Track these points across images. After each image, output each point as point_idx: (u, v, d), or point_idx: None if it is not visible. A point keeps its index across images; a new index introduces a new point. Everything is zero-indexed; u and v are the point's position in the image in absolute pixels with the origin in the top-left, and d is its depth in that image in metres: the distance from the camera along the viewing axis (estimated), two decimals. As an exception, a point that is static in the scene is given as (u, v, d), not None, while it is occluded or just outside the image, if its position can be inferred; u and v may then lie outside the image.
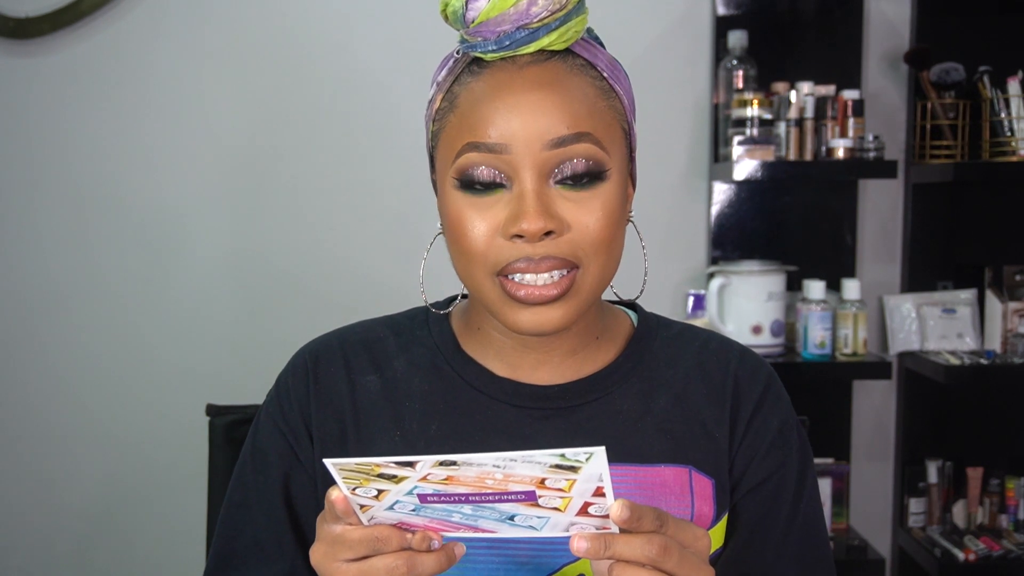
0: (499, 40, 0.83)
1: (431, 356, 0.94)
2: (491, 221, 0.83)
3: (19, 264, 2.28)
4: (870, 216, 2.30)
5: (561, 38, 0.83)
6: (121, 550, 2.31)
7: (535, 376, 0.92)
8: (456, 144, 0.84)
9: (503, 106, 0.82)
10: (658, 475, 0.90)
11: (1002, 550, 2.13)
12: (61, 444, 2.30)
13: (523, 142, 0.81)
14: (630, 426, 0.91)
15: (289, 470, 0.92)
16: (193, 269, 2.28)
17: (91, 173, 2.27)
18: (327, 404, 0.92)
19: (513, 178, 0.82)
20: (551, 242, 0.82)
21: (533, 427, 0.90)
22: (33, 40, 2.23)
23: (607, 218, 0.83)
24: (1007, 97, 2.11)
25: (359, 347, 0.95)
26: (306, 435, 0.92)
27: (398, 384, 0.93)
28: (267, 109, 2.26)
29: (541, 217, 0.80)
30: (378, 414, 0.92)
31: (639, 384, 0.93)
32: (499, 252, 0.83)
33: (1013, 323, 2.19)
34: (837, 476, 2.20)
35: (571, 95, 0.83)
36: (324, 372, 0.93)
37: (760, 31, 2.19)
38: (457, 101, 0.85)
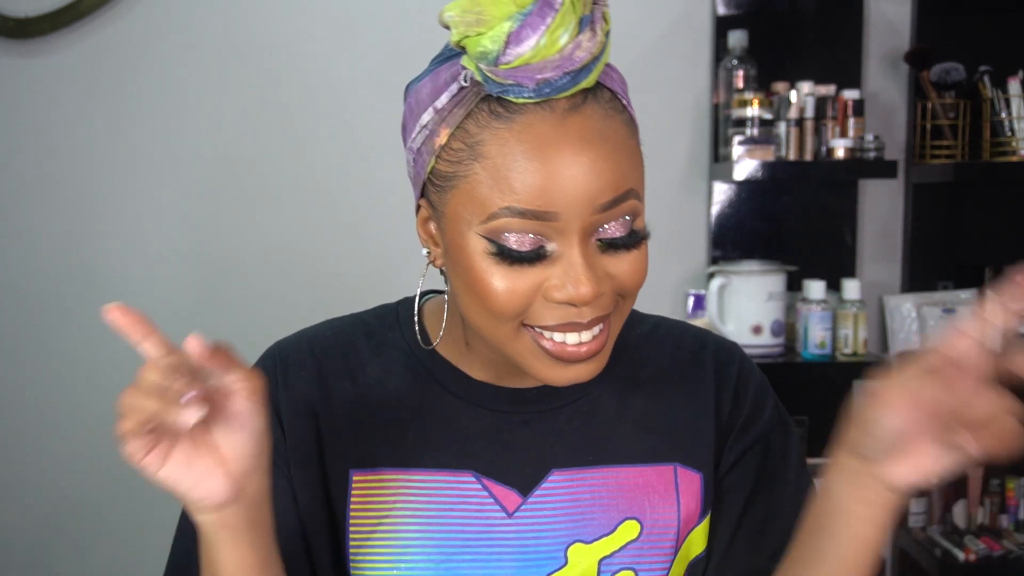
0: (539, 88, 0.73)
1: (406, 359, 0.90)
2: (531, 283, 0.76)
3: (19, 263, 2.29)
4: (870, 216, 2.30)
5: (595, 78, 0.76)
6: (121, 550, 2.31)
7: (514, 379, 0.89)
8: (489, 204, 0.75)
9: (549, 169, 0.74)
10: (641, 475, 0.89)
11: (1002, 550, 2.13)
12: (61, 442, 2.30)
13: (574, 208, 0.74)
14: (610, 426, 0.90)
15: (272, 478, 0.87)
16: (193, 268, 2.28)
17: (91, 173, 2.27)
18: (298, 410, 0.88)
19: (557, 242, 0.76)
20: (597, 301, 0.77)
21: (513, 433, 0.88)
22: (33, 40, 2.23)
23: (643, 267, 0.80)
24: (1007, 97, 2.11)
25: (331, 352, 0.90)
26: (278, 423, 0.87)
27: (372, 389, 0.89)
28: (267, 108, 2.26)
29: (595, 284, 0.75)
30: (352, 422, 0.88)
31: (617, 383, 0.92)
32: (540, 314, 0.77)
33: (1013, 323, 2.19)
34: (837, 476, 2.19)
35: (615, 148, 0.76)
36: (294, 376, 0.89)
37: (760, 31, 2.19)
38: (483, 149, 0.75)
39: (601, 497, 0.88)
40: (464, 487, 0.86)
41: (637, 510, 0.88)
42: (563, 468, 0.88)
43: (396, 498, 0.86)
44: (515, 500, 0.87)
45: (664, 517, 0.89)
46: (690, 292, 2.21)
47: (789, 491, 0.91)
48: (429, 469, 0.86)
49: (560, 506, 0.87)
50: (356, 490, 0.86)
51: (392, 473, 0.86)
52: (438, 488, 0.86)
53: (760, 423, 0.93)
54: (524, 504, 0.87)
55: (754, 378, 0.95)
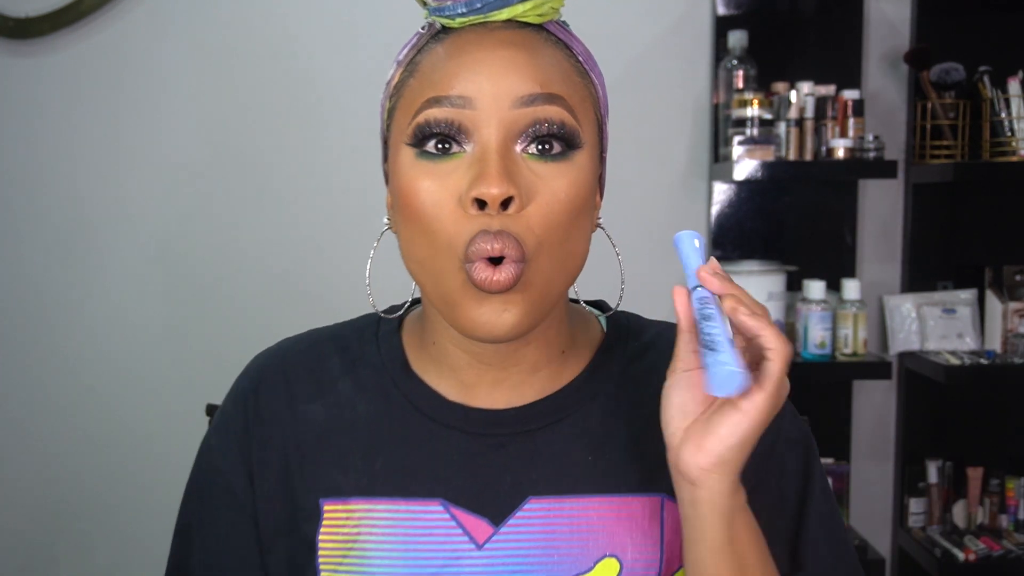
0: (469, 2, 0.77)
1: (377, 377, 0.86)
2: (450, 190, 0.74)
3: (17, 264, 2.28)
4: (870, 216, 2.30)
5: (536, 10, 0.78)
6: (121, 550, 2.30)
7: (492, 398, 0.84)
8: (415, 105, 0.77)
9: (469, 60, 0.75)
10: (625, 506, 0.82)
11: (1002, 550, 2.13)
12: (60, 444, 2.30)
13: (490, 96, 0.74)
14: (595, 452, 0.83)
15: (229, 511, 0.86)
16: (193, 268, 2.28)
17: (91, 173, 2.27)
18: (268, 439, 0.86)
19: (475, 139, 0.75)
20: (508, 217, 0.73)
21: (487, 457, 0.82)
22: (33, 40, 2.23)
23: (571, 200, 0.75)
24: (1007, 97, 2.11)
25: (301, 372, 0.87)
26: (246, 475, 0.85)
27: (342, 411, 0.85)
28: (267, 108, 2.26)
29: (504, 180, 0.72)
30: (322, 448, 0.85)
31: (606, 403, 0.85)
32: (461, 230, 0.74)
33: (1013, 323, 2.19)
34: (837, 476, 2.20)
35: (544, 58, 0.77)
36: (265, 404, 0.86)
37: (760, 31, 2.19)
38: (419, 67, 0.79)
39: (580, 530, 0.81)
40: (431, 517, 0.82)
41: (618, 546, 0.81)
42: (540, 496, 0.82)
43: (363, 528, 0.82)
44: (486, 530, 0.81)
45: (645, 556, 0.82)
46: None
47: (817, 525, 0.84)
48: (396, 498, 0.82)
49: (535, 539, 0.81)
50: (327, 519, 0.83)
51: (360, 503, 0.83)
52: (404, 518, 0.82)
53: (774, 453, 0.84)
54: (496, 535, 0.81)
55: None
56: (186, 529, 0.89)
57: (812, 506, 0.85)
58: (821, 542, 0.84)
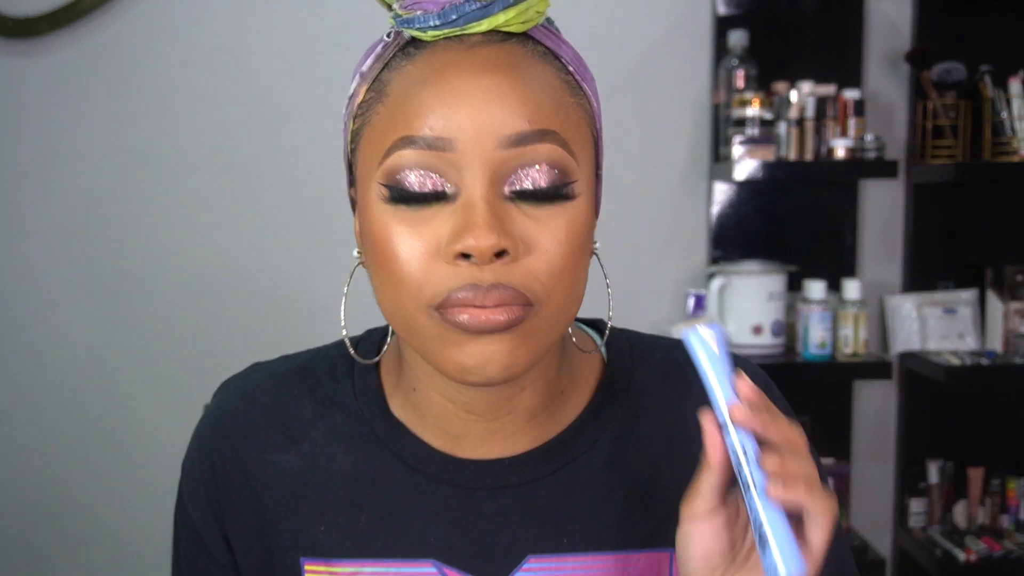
0: (444, 14, 0.66)
1: (355, 424, 0.77)
2: (428, 240, 0.65)
3: (18, 263, 2.28)
4: (870, 216, 2.30)
5: (519, 18, 0.67)
6: (120, 550, 2.30)
7: (483, 448, 0.75)
8: (384, 141, 0.66)
9: (447, 91, 0.64)
10: (632, 563, 0.75)
11: (1003, 550, 2.12)
12: (61, 444, 2.30)
13: (472, 137, 0.64)
14: (598, 503, 0.75)
15: (207, 563, 0.80)
16: (193, 269, 2.28)
17: (91, 173, 2.27)
18: (237, 492, 0.78)
19: (458, 184, 0.65)
20: (503, 267, 0.64)
21: (481, 511, 0.74)
22: (33, 40, 2.23)
23: (571, 242, 0.66)
24: (1008, 97, 2.11)
25: (268, 419, 0.78)
26: (220, 534, 0.79)
27: (317, 461, 0.77)
28: (267, 109, 2.26)
29: (493, 231, 0.63)
30: (299, 503, 0.76)
31: (610, 448, 0.76)
32: (439, 281, 0.64)
33: (1014, 323, 2.19)
34: (838, 476, 2.20)
35: (533, 83, 0.66)
36: (231, 453, 0.78)
37: (760, 31, 2.19)
38: (387, 89, 0.67)
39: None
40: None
41: None
42: (541, 554, 0.74)
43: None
44: None
45: None
46: (690, 292, 2.21)
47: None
48: (384, 559, 0.75)
49: None
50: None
51: (346, 564, 0.75)
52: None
53: None
54: None
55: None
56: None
57: None
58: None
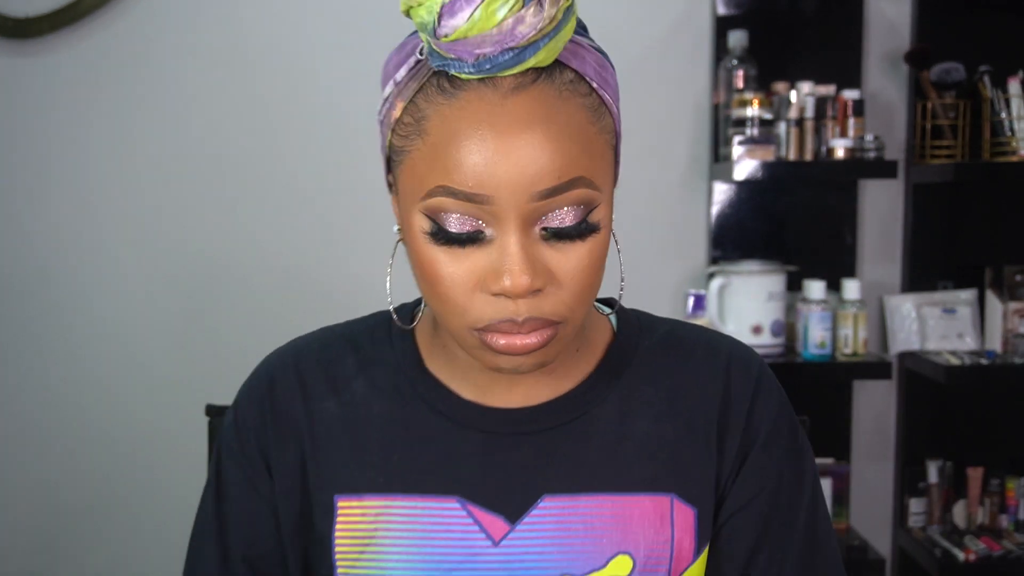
0: (479, 64, 0.70)
1: (392, 377, 0.86)
2: (469, 273, 0.74)
3: (19, 264, 2.28)
4: (870, 216, 2.30)
5: (549, 55, 0.71)
6: (120, 550, 2.30)
7: (507, 398, 0.85)
8: (426, 181, 0.73)
9: (484, 150, 0.70)
10: (637, 505, 0.83)
11: (1002, 550, 2.13)
12: (61, 444, 2.30)
13: (508, 193, 0.71)
14: (608, 451, 0.84)
15: (251, 506, 0.87)
16: (193, 268, 2.28)
17: (91, 173, 2.27)
18: (284, 434, 0.86)
19: (494, 228, 0.73)
20: (535, 300, 0.74)
21: (503, 455, 0.83)
22: (33, 40, 2.23)
23: (593, 267, 0.75)
24: (1007, 97, 2.11)
25: (316, 368, 0.88)
26: (264, 469, 0.87)
27: (357, 409, 0.86)
28: (266, 109, 2.26)
29: (527, 274, 0.72)
30: (336, 444, 0.85)
31: (618, 403, 0.85)
32: (480, 310, 0.74)
33: (1013, 323, 2.19)
34: (837, 476, 2.20)
35: (562, 132, 0.72)
36: (280, 399, 0.87)
37: (760, 31, 2.19)
38: (426, 125, 0.73)
39: (594, 527, 0.83)
40: (448, 514, 0.83)
41: (631, 543, 0.83)
42: (555, 494, 0.83)
43: (379, 525, 0.83)
44: (502, 528, 0.82)
45: (657, 552, 0.83)
46: (690, 292, 2.21)
47: (798, 535, 0.86)
48: (412, 495, 0.83)
49: (550, 536, 0.82)
50: (341, 515, 0.84)
51: (376, 499, 0.84)
52: (422, 515, 0.83)
53: (774, 460, 0.86)
54: (512, 532, 0.82)
55: (770, 406, 0.87)
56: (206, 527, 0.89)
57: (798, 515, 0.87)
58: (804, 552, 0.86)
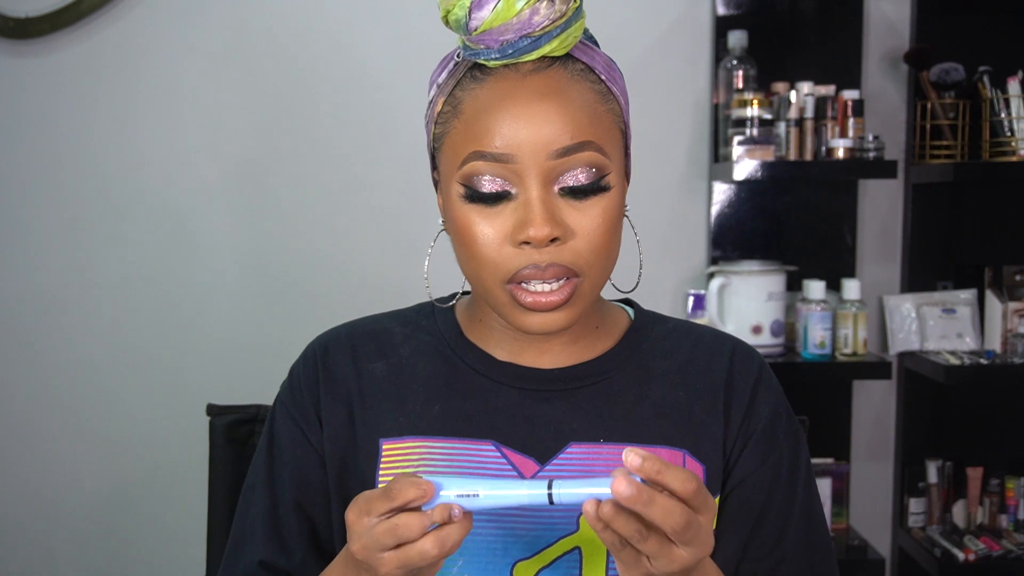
0: (502, 49, 0.85)
1: (436, 343, 0.98)
2: (499, 229, 0.86)
3: (19, 264, 2.29)
4: (870, 216, 2.30)
5: (562, 44, 0.86)
6: (121, 550, 2.31)
7: (538, 360, 0.96)
8: (461, 151, 0.86)
9: (508, 116, 0.85)
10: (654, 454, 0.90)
11: (1002, 550, 2.13)
12: (61, 444, 2.30)
13: (529, 152, 0.84)
14: (628, 408, 0.94)
15: (301, 454, 0.96)
16: (193, 269, 2.28)
17: (91, 173, 2.27)
18: (335, 390, 0.96)
19: (518, 186, 0.85)
20: (555, 249, 0.85)
21: (534, 408, 0.94)
22: (33, 40, 2.23)
23: (607, 224, 0.87)
24: (1007, 97, 2.11)
25: (366, 337, 0.99)
26: (316, 420, 0.96)
27: (403, 369, 0.97)
28: (267, 109, 2.26)
29: (547, 224, 0.84)
30: (383, 397, 0.95)
31: (636, 371, 0.97)
32: (508, 260, 0.86)
33: (1013, 323, 2.19)
34: (837, 476, 2.19)
35: (573, 104, 0.86)
36: (333, 360, 0.97)
37: (760, 31, 2.19)
38: (461, 107, 0.88)
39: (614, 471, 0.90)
40: (484, 454, 0.92)
41: None
42: (581, 442, 0.92)
43: (421, 463, 0.92)
44: (532, 467, 0.92)
45: None
46: (690, 292, 2.21)
47: (798, 507, 0.96)
48: (452, 438, 0.93)
49: (574, 475, 0.90)
50: (385, 457, 0.93)
51: (418, 441, 0.93)
52: (460, 454, 0.92)
53: (777, 439, 0.96)
54: (541, 471, 0.91)
55: (770, 394, 0.98)
56: (259, 478, 0.98)
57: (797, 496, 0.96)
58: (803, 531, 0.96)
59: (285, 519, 0.95)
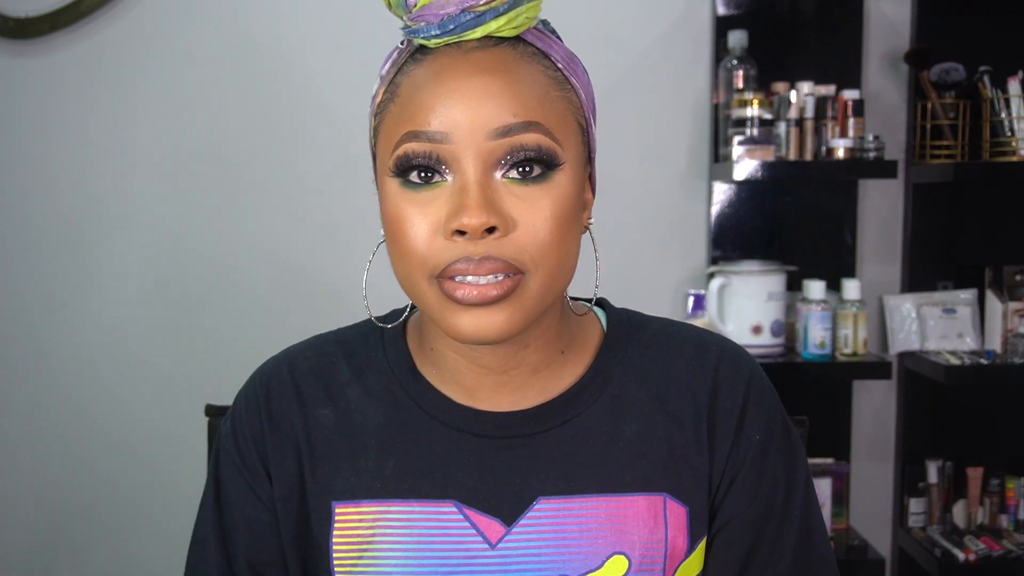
0: (443, 24, 0.77)
1: (385, 382, 0.88)
2: (431, 218, 0.76)
3: (18, 264, 2.29)
4: (870, 216, 2.30)
5: (510, 24, 0.78)
6: (121, 550, 2.31)
7: (495, 400, 0.85)
8: (395, 135, 0.78)
9: (444, 91, 0.76)
10: (631, 505, 0.84)
11: (1002, 550, 2.13)
12: (61, 445, 2.30)
13: (466, 130, 0.75)
14: (601, 452, 0.85)
15: (251, 511, 0.88)
16: (193, 268, 2.28)
17: (90, 173, 2.27)
18: (282, 441, 0.87)
19: (455, 170, 0.76)
20: (494, 241, 0.75)
21: (496, 457, 0.84)
22: (33, 40, 2.23)
23: (557, 218, 0.76)
24: (1007, 97, 2.11)
25: (310, 376, 0.89)
26: (264, 475, 0.88)
27: (352, 416, 0.87)
28: (267, 108, 2.26)
29: (483, 211, 0.74)
30: (333, 451, 0.86)
31: (609, 404, 0.86)
32: (439, 253, 0.76)
33: (1013, 323, 2.19)
34: (837, 476, 2.19)
35: (519, 82, 0.77)
36: (276, 406, 0.88)
37: (760, 31, 2.19)
38: (398, 91, 0.79)
39: (589, 528, 0.84)
40: (445, 518, 0.84)
41: (626, 544, 0.84)
42: (550, 496, 0.84)
43: (377, 529, 0.84)
44: (498, 530, 0.84)
45: (652, 551, 0.84)
46: (690, 292, 2.21)
47: (793, 535, 0.88)
48: (409, 500, 0.84)
49: (546, 538, 0.84)
50: (339, 521, 0.85)
51: (373, 504, 0.85)
52: (419, 519, 0.84)
53: (769, 466, 0.88)
54: (508, 535, 0.84)
55: (761, 412, 0.88)
56: (209, 533, 0.90)
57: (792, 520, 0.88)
58: (800, 556, 0.88)
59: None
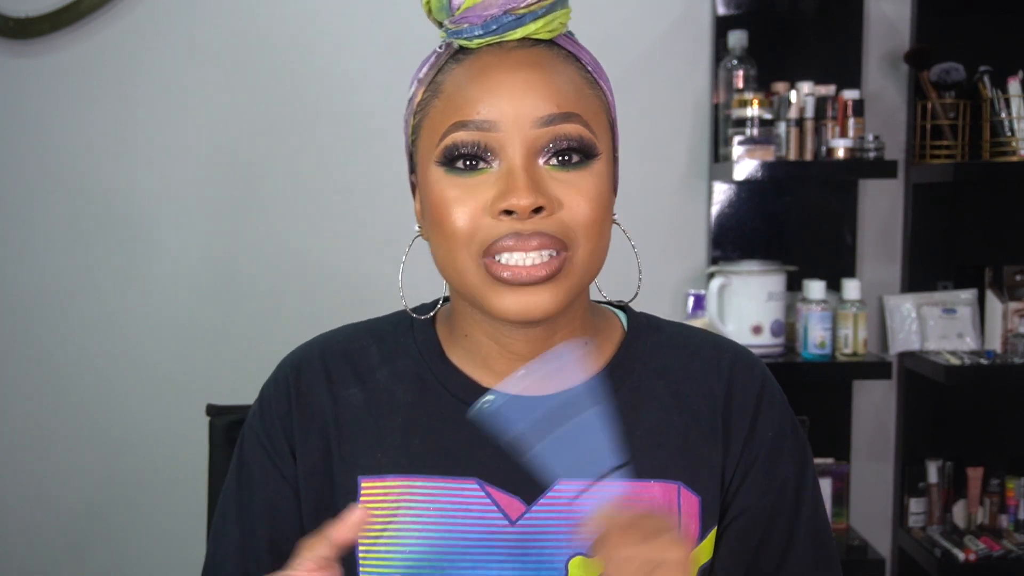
0: (485, 25, 0.82)
1: (415, 366, 0.91)
2: (478, 200, 0.81)
3: (18, 264, 2.29)
4: (870, 216, 2.30)
5: (547, 27, 0.83)
6: (121, 550, 2.30)
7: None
8: (441, 127, 0.82)
9: (491, 84, 0.81)
10: (647, 491, 0.88)
11: (1002, 550, 2.13)
12: (61, 445, 2.30)
13: (512, 119, 0.80)
14: (619, 439, 0.86)
15: (273, 487, 0.91)
16: (193, 269, 2.28)
17: (91, 173, 2.27)
18: (310, 420, 0.90)
19: (501, 156, 0.81)
20: (541, 220, 0.80)
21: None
22: (33, 40, 2.23)
23: (598, 199, 0.82)
24: (1007, 97, 2.11)
25: (340, 359, 0.92)
26: (289, 453, 0.91)
27: (380, 397, 0.91)
28: (266, 109, 2.26)
29: (532, 192, 0.79)
30: (360, 430, 0.90)
31: (629, 395, 0.90)
32: (486, 231, 0.80)
33: (1013, 323, 2.19)
34: (837, 476, 2.19)
35: (559, 77, 0.82)
36: (306, 387, 0.91)
37: (760, 31, 2.19)
38: (442, 88, 0.84)
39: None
40: (468, 494, 0.87)
41: None
42: (569, 479, 0.85)
43: (401, 504, 0.87)
44: (519, 508, 0.87)
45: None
46: (690, 292, 2.21)
47: (802, 528, 0.91)
48: (433, 476, 0.87)
49: (564, 517, 0.86)
50: (364, 495, 0.88)
51: (398, 479, 0.88)
52: (442, 495, 0.87)
53: (781, 462, 0.91)
54: (527, 512, 0.87)
55: (774, 411, 0.92)
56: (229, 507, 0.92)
57: (802, 516, 0.92)
58: (808, 551, 0.91)
59: (255, 562, 0.90)
